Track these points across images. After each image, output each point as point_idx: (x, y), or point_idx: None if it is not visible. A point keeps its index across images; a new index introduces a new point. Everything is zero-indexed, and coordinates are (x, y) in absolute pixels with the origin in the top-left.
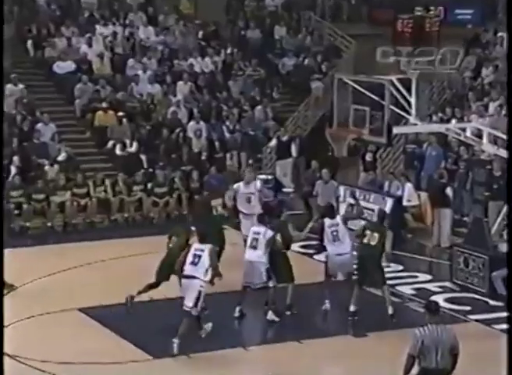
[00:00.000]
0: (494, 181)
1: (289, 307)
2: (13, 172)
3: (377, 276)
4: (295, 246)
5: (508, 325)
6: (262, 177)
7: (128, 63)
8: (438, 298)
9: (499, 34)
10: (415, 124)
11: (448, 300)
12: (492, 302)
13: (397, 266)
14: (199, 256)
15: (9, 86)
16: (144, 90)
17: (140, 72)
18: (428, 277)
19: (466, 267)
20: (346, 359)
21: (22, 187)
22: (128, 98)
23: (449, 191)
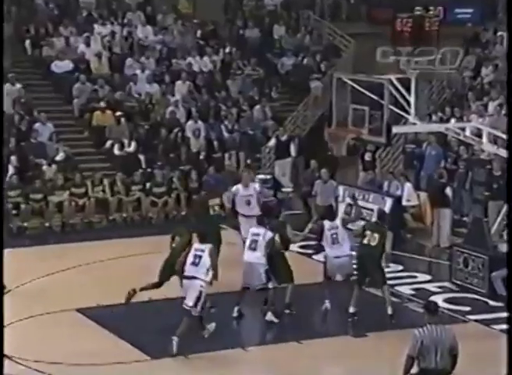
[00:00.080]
0: (494, 181)
1: (287, 306)
2: (11, 172)
3: (377, 276)
4: (294, 246)
5: (508, 325)
6: (261, 177)
7: (126, 63)
8: (437, 299)
9: (498, 33)
10: (414, 124)
11: (447, 300)
12: (492, 303)
13: (396, 266)
14: (199, 257)
15: (7, 85)
16: (143, 89)
17: (139, 71)
18: (428, 277)
19: (465, 267)
20: (345, 360)
21: (19, 187)
22: (126, 98)
23: (448, 191)
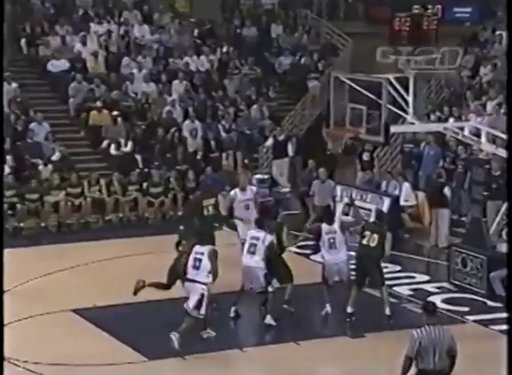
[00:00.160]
0: (492, 181)
1: (287, 302)
2: (7, 171)
3: (376, 276)
4: (291, 247)
5: (508, 326)
6: (258, 177)
7: (123, 62)
8: (435, 299)
9: (497, 32)
10: (413, 123)
11: (446, 301)
12: (490, 303)
13: (395, 267)
14: (199, 260)
15: None
16: (139, 89)
17: (135, 70)
18: (426, 278)
19: (464, 267)
20: (343, 360)
21: (15, 187)
22: (123, 97)
23: (447, 191)
